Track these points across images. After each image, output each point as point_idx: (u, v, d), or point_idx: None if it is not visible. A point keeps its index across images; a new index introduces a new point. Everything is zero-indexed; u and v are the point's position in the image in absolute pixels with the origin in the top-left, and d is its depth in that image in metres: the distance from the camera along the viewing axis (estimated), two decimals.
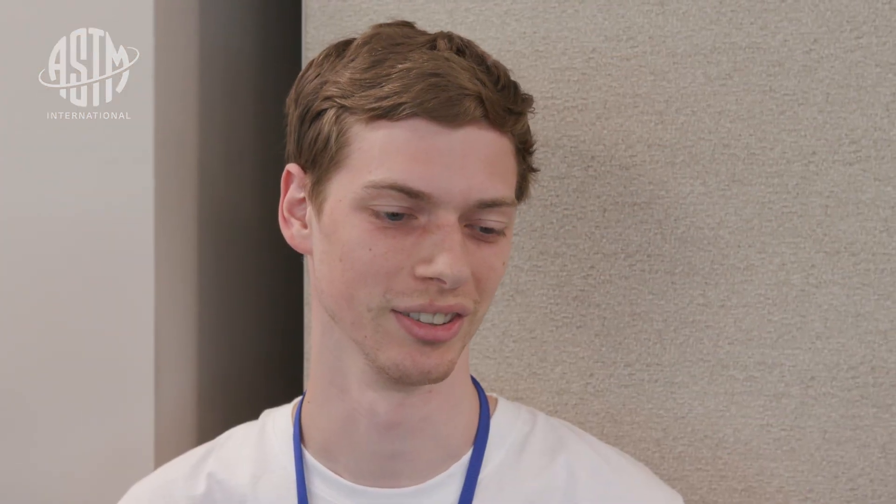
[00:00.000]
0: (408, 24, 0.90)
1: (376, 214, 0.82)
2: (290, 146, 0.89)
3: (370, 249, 0.83)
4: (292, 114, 0.89)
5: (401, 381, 0.85)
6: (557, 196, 1.04)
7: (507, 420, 0.93)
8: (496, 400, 0.95)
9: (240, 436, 0.96)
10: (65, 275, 1.06)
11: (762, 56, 1.00)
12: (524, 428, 0.92)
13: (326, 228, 0.85)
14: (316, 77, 0.87)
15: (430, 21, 1.03)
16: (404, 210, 0.82)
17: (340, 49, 0.88)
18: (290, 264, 1.17)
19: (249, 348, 1.22)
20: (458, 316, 0.85)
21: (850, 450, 1.00)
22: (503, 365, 1.06)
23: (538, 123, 1.03)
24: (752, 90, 1.00)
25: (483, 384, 1.06)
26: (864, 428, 0.99)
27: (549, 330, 1.05)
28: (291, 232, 0.90)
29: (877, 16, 0.98)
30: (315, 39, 1.06)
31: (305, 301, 1.08)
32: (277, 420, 0.95)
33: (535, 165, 0.93)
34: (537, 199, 1.04)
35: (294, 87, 0.90)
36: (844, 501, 1.00)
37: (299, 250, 0.90)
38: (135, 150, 1.05)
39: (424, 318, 0.83)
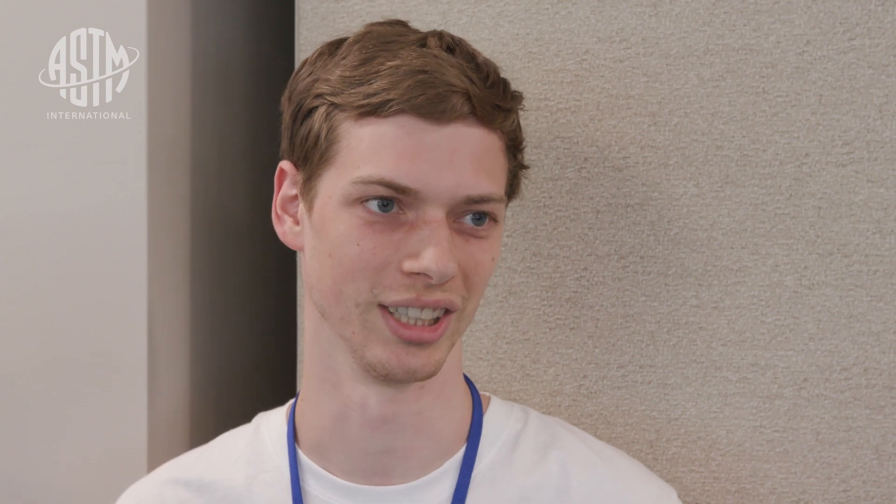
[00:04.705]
0: (400, 23, 0.91)
1: (365, 207, 0.83)
2: (284, 143, 0.90)
3: (358, 244, 0.83)
4: (286, 111, 0.90)
5: (387, 379, 0.85)
6: (550, 198, 1.04)
7: (499, 417, 0.93)
8: (489, 398, 0.95)
9: (233, 438, 0.96)
10: (63, 276, 1.07)
11: (755, 58, 1.00)
12: (517, 425, 0.93)
13: (316, 224, 0.86)
14: (309, 75, 0.88)
15: (423, 23, 1.04)
16: (391, 195, 0.83)
17: (333, 48, 0.89)
18: (284, 265, 1.17)
19: (242, 349, 1.23)
20: (446, 313, 0.85)
21: (843, 451, 0.99)
22: (496, 366, 1.06)
23: (531, 125, 1.03)
24: (745, 92, 1.00)
25: (476, 386, 1.06)
26: (857, 429, 0.99)
27: (542, 332, 1.05)
28: (284, 229, 0.91)
29: (869, 17, 0.98)
30: (308, 41, 1.07)
31: (298, 302, 1.09)
32: (272, 421, 0.95)
33: (528, 166, 0.94)
34: (530, 200, 1.04)
35: (288, 85, 0.91)
36: (837, 503, 0.99)
37: (291, 247, 0.91)
38: (134, 149, 1.06)
39: (412, 313, 0.84)
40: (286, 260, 1.16)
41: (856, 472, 0.99)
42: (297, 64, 1.08)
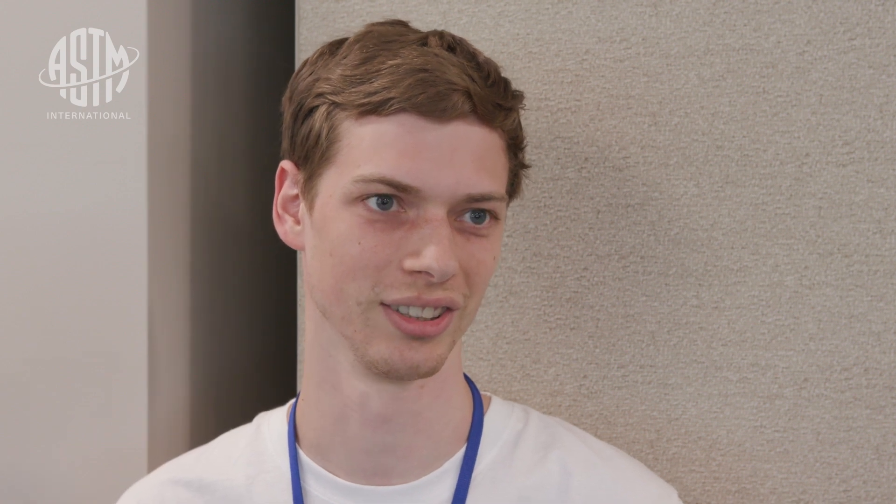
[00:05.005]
0: (401, 23, 0.91)
1: (366, 206, 0.83)
2: (285, 143, 0.90)
3: (359, 243, 0.83)
4: (287, 111, 0.90)
5: (389, 375, 0.85)
6: (551, 198, 1.04)
7: (500, 417, 0.93)
8: (490, 398, 0.95)
9: (233, 438, 0.96)
10: (63, 276, 1.07)
11: (755, 58, 1.00)
12: (517, 425, 0.93)
13: (317, 224, 0.86)
14: (310, 75, 0.88)
15: (423, 23, 1.04)
16: (392, 192, 0.83)
17: (334, 48, 0.89)
18: (284, 265, 1.17)
19: (242, 349, 1.23)
20: (447, 310, 0.85)
21: (844, 451, 0.99)
22: (496, 366, 1.06)
23: (531, 125, 1.03)
24: (745, 92, 1.00)
25: (476, 386, 1.06)
26: (858, 429, 0.99)
27: (542, 332, 1.05)
28: (285, 228, 0.91)
29: (870, 17, 0.98)
30: (308, 41, 1.07)
31: (298, 302, 1.09)
32: (272, 421, 0.95)
33: (529, 165, 0.94)
34: (531, 200, 1.04)
35: (289, 85, 0.91)
36: (838, 503, 0.99)
37: (292, 246, 0.91)
38: (134, 149, 1.06)
39: (413, 311, 0.84)
40: (286, 260, 1.16)
41: (856, 472, 0.99)
42: (297, 64, 1.08)
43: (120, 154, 1.06)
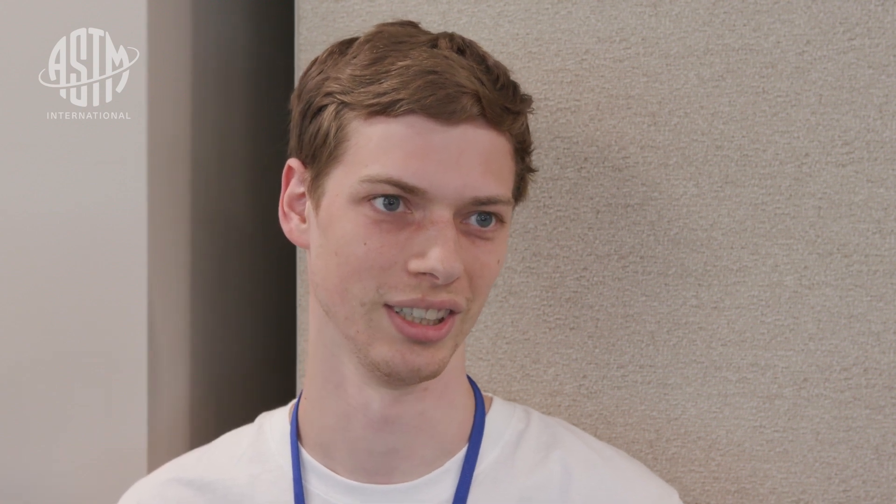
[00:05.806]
0: (411, 24, 0.91)
1: (372, 206, 0.83)
2: (293, 141, 0.91)
3: (365, 244, 0.84)
4: (295, 109, 0.90)
5: (391, 378, 0.85)
6: (550, 197, 1.04)
7: (502, 418, 0.93)
8: (491, 399, 0.95)
9: (235, 438, 0.96)
10: (64, 276, 1.07)
11: (755, 58, 1.00)
12: (519, 425, 0.93)
13: (323, 223, 0.86)
14: (319, 74, 0.89)
15: (423, 23, 1.04)
16: (398, 193, 0.83)
17: (343, 47, 0.89)
18: (284, 265, 1.17)
19: (243, 349, 1.23)
20: (450, 314, 0.85)
21: (843, 451, 0.99)
22: (496, 366, 1.06)
23: (531, 125, 1.03)
24: (744, 92, 1.00)
25: (478, 387, 1.06)
26: (857, 429, 0.99)
27: (542, 332, 1.05)
28: (290, 226, 0.91)
29: (869, 17, 0.98)
30: (308, 41, 1.07)
31: (298, 302, 1.09)
32: (274, 420, 0.95)
33: (536, 169, 0.94)
34: (530, 200, 1.04)
35: (298, 83, 0.91)
36: (837, 503, 0.99)
37: (297, 244, 0.91)
38: (134, 149, 1.06)
39: (417, 313, 0.84)
40: (286, 260, 1.16)
41: (856, 472, 0.99)
42: (297, 64, 1.08)
43: (120, 154, 1.06)
